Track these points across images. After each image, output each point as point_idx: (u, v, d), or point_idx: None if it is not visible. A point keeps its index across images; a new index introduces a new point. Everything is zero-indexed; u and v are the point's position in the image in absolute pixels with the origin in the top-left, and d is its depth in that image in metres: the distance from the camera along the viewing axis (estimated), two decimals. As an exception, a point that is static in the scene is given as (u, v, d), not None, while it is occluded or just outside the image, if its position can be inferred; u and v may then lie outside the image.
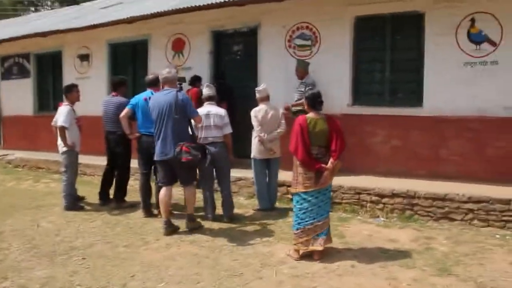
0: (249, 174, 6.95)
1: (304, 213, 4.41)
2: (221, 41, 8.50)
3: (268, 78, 7.59)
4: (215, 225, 5.59)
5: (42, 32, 10.33)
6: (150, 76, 6.18)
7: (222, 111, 5.66)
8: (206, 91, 5.84)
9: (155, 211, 6.05)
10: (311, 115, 4.41)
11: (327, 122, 4.43)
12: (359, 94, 7.15)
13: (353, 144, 6.46)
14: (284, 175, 6.34)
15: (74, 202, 6.53)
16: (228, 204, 5.76)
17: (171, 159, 4.92)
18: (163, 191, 5.18)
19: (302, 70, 6.99)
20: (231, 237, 5.09)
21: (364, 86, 7.14)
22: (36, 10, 29.16)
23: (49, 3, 31.30)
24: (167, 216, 5.18)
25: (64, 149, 6.46)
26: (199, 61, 8.46)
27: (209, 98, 5.77)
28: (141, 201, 6.10)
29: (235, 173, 7.16)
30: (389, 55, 6.85)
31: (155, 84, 5.89)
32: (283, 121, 6.18)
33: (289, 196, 6.64)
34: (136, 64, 9.59)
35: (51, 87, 11.32)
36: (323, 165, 4.33)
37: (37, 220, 5.88)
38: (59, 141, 6.48)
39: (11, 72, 12.09)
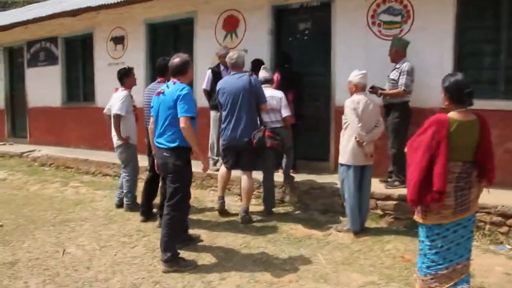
0: (322, 180, 5.68)
1: (436, 253, 3.05)
2: (284, 18, 7.09)
3: (344, 64, 6.24)
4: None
5: (70, 10, 9.10)
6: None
7: (278, 93, 5.48)
8: (263, 73, 5.63)
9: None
10: (455, 115, 3.00)
11: (480, 125, 3.04)
12: (464, 85, 5.68)
13: None
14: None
15: (135, 202, 5.80)
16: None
17: (241, 145, 5.01)
18: (223, 169, 5.35)
19: (401, 50, 5.54)
20: (316, 274, 3.79)
21: (470, 73, 5.64)
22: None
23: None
24: (223, 192, 5.40)
25: (119, 142, 5.71)
26: (256, 42, 7.10)
27: (266, 82, 5.56)
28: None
29: (301, 178, 5.91)
30: (506, 34, 5.38)
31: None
32: (381, 118, 4.83)
33: (379, 212, 5.30)
34: (179, 48, 8.22)
35: (81, 75, 10.14)
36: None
37: (63, 243, 4.63)
38: (113, 132, 5.67)
39: (38, 58, 10.90)
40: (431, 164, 2.95)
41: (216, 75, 6.47)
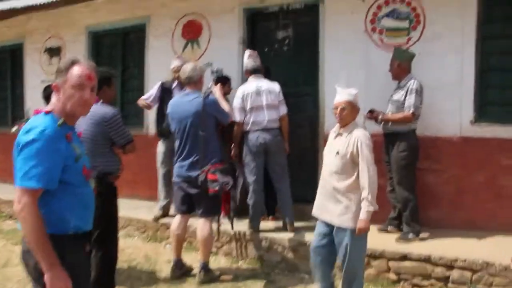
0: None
1: None
2: (259, 24, 5.72)
3: (335, 81, 4.91)
4: None
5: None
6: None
7: (276, 86, 4.63)
8: (249, 62, 4.71)
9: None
10: None
11: None
12: (488, 106, 4.53)
13: (478, 185, 4.45)
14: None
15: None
16: (289, 205, 4.67)
17: (191, 183, 4.08)
18: (176, 220, 4.29)
19: (405, 64, 4.34)
20: None
21: (495, 92, 4.52)
22: None
23: None
24: (179, 254, 4.28)
25: None
26: (224, 54, 5.69)
27: (254, 71, 4.69)
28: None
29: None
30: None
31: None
32: None
33: (392, 276, 3.98)
34: (128, 60, 6.80)
35: (10, 94, 8.37)
36: None
37: None
38: None
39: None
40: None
41: (166, 93, 5.21)
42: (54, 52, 7.47)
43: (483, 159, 4.43)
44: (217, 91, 4.34)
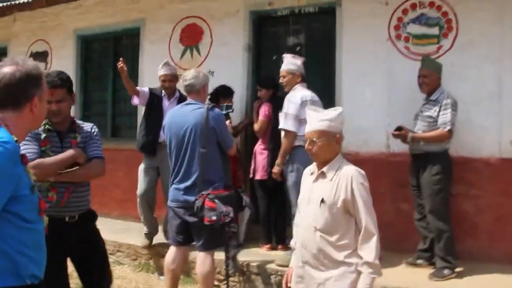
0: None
1: None
2: (266, 29, 5.17)
3: (354, 94, 4.46)
4: None
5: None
6: None
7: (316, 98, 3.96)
8: (302, 67, 4.04)
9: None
10: None
11: None
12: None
13: None
14: None
15: None
16: None
17: (190, 209, 3.44)
18: (171, 253, 3.64)
19: (438, 75, 3.81)
20: None
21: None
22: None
23: None
24: None
25: None
26: (227, 62, 5.14)
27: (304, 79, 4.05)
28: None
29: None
30: None
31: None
32: None
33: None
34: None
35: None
36: None
37: None
38: None
39: None
40: None
41: (155, 99, 4.64)
42: (40, 57, 6.88)
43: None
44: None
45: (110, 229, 5.34)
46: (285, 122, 3.85)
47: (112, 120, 6.10)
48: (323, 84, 4.66)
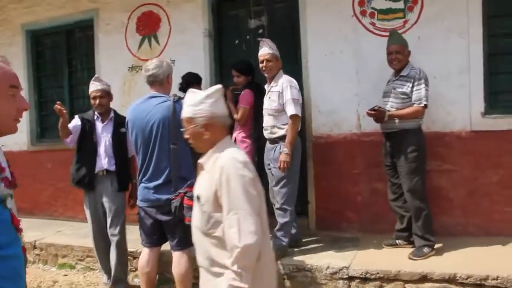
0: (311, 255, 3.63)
1: None
2: (226, 12, 4.92)
3: (321, 74, 4.29)
4: None
5: None
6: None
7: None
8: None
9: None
10: None
11: None
12: (500, 96, 3.96)
13: (490, 185, 3.89)
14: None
15: None
16: None
17: (160, 208, 3.29)
18: (144, 256, 3.48)
19: (407, 50, 3.70)
20: None
21: (508, 78, 3.96)
22: None
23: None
24: None
25: None
26: (188, 49, 4.89)
27: None
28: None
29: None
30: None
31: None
32: None
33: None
34: (76, 63, 5.87)
35: None
36: None
37: None
38: None
39: None
40: None
41: (85, 127, 4.01)
42: (-15, 56, 6.43)
43: (494, 155, 3.87)
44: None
45: (77, 233, 5.09)
46: (295, 108, 3.71)
47: (70, 119, 5.78)
48: (290, 67, 4.45)
